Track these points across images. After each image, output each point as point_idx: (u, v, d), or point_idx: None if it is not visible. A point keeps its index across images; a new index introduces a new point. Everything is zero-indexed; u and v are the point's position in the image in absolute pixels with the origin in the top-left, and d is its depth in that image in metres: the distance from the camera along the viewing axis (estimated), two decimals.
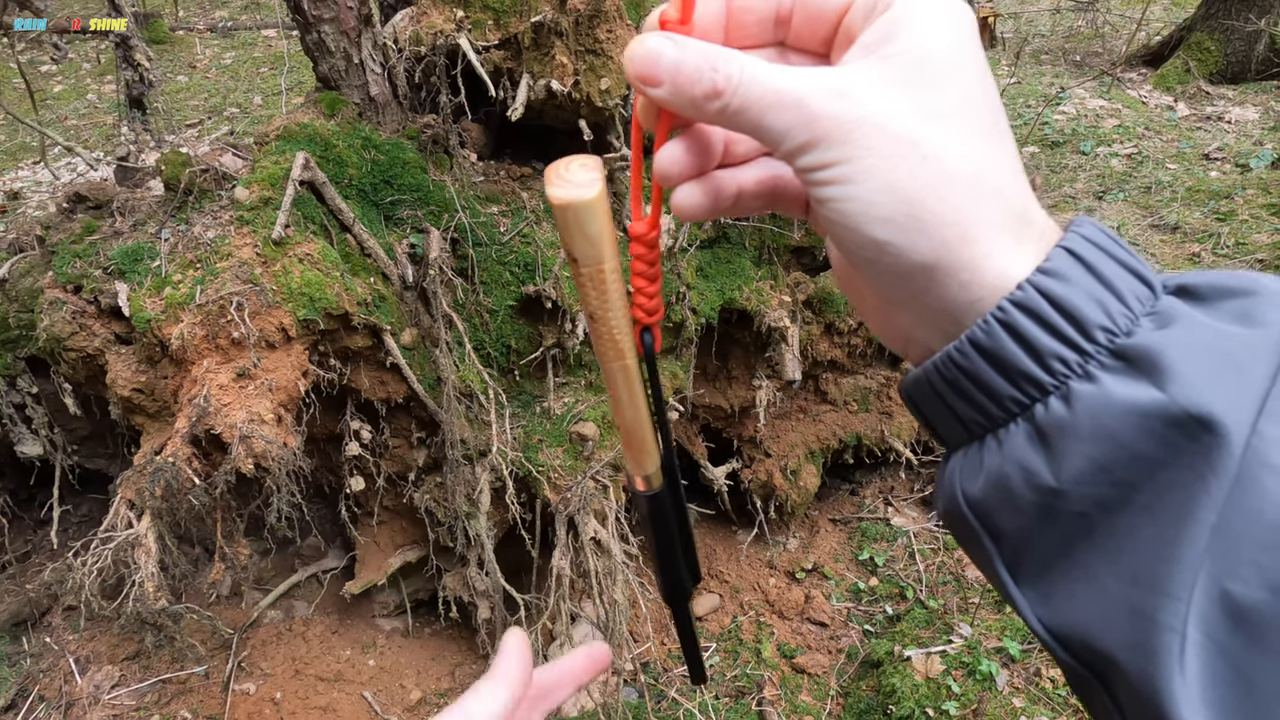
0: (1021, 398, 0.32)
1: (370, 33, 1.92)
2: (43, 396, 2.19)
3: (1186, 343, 0.29)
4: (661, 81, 0.34)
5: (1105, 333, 0.31)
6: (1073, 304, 0.31)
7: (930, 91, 0.32)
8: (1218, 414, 0.28)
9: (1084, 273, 0.32)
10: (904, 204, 0.32)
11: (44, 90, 6.97)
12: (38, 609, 2.42)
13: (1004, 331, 0.32)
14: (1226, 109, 5.14)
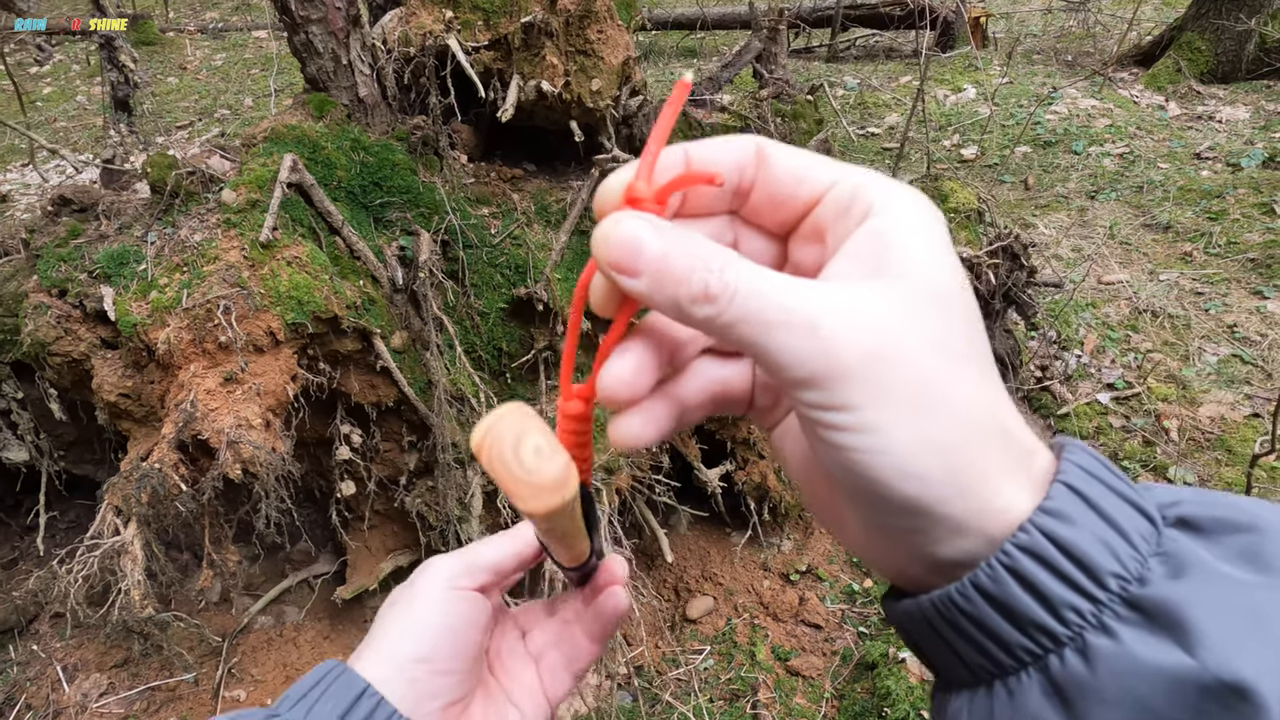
0: (1034, 648, 0.30)
1: (359, 33, 1.90)
2: (28, 401, 2.17)
3: (1208, 598, 0.28)
4: (641, 274, 0.30)
5: (1117, 579, 0.29)
6: (1081, 548, 0.29)
7: (944, 325, 0.30)
8: (1251, 681, 0.26)
9: (1087, 510, 0.30)
10: (940, 459, 0.29)
11: (33, 92, 6.92)
12: (25, 616, 2.39)
13: (1012, 579, 0.30)
14: (1217, 108, 5.16)
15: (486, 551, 0.54)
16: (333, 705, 0.46)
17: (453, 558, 0.53)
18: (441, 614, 0.51)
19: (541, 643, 0.58)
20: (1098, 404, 2.94)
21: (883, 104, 5.74)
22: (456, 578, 0.52)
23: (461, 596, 0.52)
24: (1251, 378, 2.95)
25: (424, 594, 0.51)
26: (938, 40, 6.46)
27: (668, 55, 7.11)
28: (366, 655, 0.50)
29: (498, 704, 0.55)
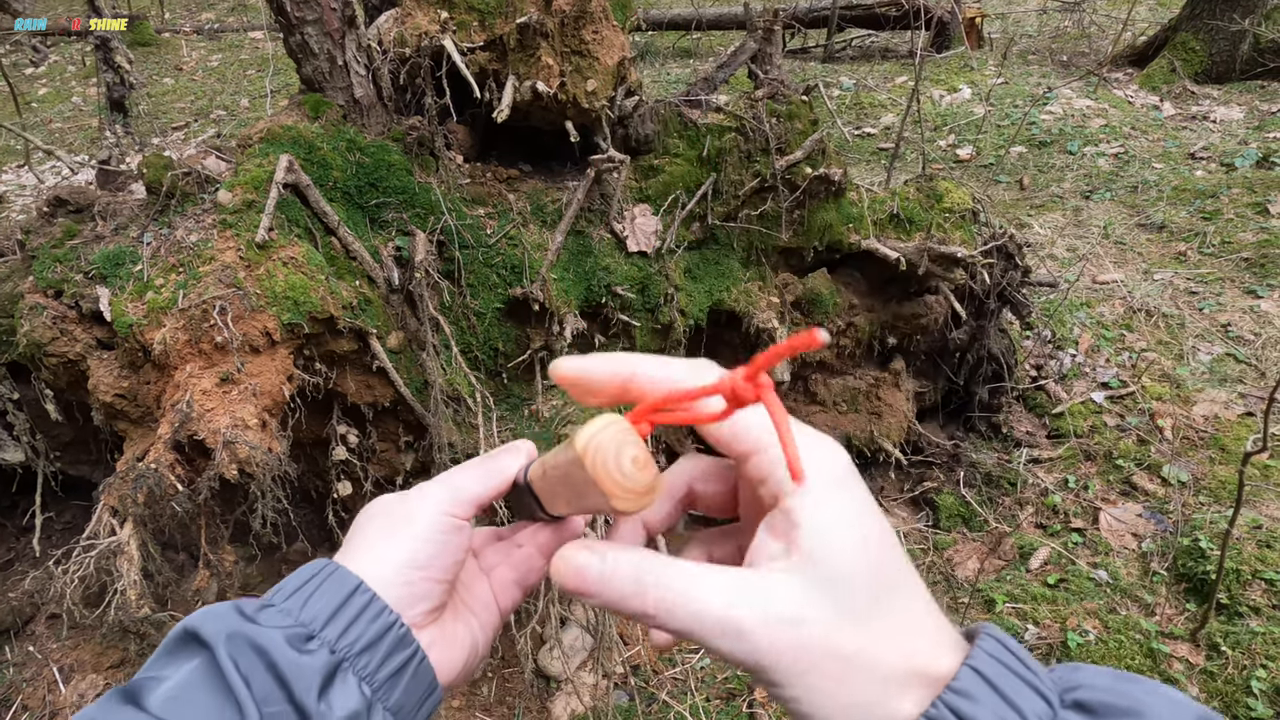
0: None
1: (354, 34, 1.90)
2: (24, 402, 2.17)
3: None
4: (592, 595, 0.38)
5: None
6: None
7: (849, 598, 0.37)
8: None
9: (990, 692, 0.35)
10: (857, 710, 0.36)
11: (28, 93, 6.91)
12: (20, 618, 2.39)
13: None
14: (1212, 109, 5.18)
15: (473, 487, 0.56)
16: (327, 600, 0.48)
17: (441, 487, 0.56)
18: (438, 531, 0.54)
19: (492, 560, 0.63)
20: (1092, 403, 2.95)
21: (878, 104, 5.75)
22: (449, 506, 0.55)
23: (453, 523, 0.55)
24: (1245, 377, 2.97)
25: (421, 513, 0.54)
26: (933, 41, 6.48)
27: (663, 56, 7.12)
28: (358, 558, 0.52)
29: (460, 611, 0.59)
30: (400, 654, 0.50)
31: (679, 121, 2.20)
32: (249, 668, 0.44)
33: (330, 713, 0.45)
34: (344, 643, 0.48)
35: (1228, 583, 2.15)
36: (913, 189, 2.52)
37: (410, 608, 0.52)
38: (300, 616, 0.48)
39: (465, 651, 0.58)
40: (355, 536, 0.55)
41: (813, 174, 2.21)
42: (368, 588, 0.50)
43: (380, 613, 0.49)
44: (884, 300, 2.55)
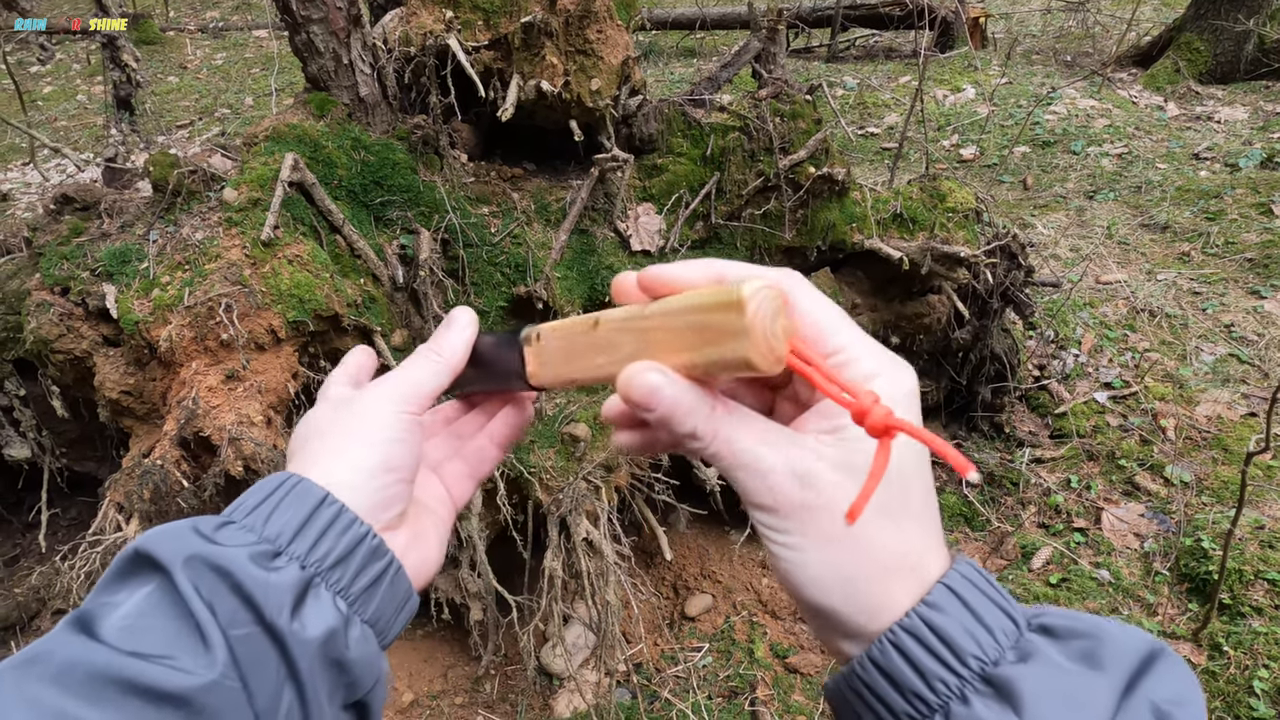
0: (914, 713, 0.39)
1: (359, 33, 1.91)
2: (30, 399, 2.18)
3: (1039, 680, 0.37)
4: (654, 410, 0.41)
5: (977, 660, 0.38)
6: (949, 634, 0.38)
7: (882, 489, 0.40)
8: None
9: (961, 608, 0.39)
10: (839, 583, 0.40)
11: (34, 91, 6.93)
12: (26, 613, 2.40)
13: (895, 652, 0.39)
14: (1216, 109, 5.17)
15: (426, 381, 0.54)
16: (292, 513, 0.46)
17: (393, 385, 0.54)
18: (403, 430, 0.52)
19: (438, 455, 0.62)
20: (1095, 403, 2.95)
21: (882, 104, 5.75)
22: (404, 402, 0.53)
23: (413, 420, 0.53)
24: (1248, 377, 2.97)
25: (377, 412, 0.52)
26: (937, 40, 6.47)
27: (667, 55, 7.13)
28: (320, 466, 0.50)
29: (421, 508, 0.58)
30: (375, 565, 0.48)
31: (683, 121, 2.20)
32: (211, 590, 0.42)
33: (304, 630, 0.43)
34: (314, 557, 0.45)
35: (1230, 583, 2.15)
36: (916, 188, 2.53)
37: (382, 513, 0.50)
38: (265, 532, 0.45)
39: (436, 549, 0.56)
40: (310, 445, 0.52)
41: (816, 173, 2.21)
42: (335, 498, 0.47)
43: (351, 524, 0.47)
44: (887, 300, 2.56)
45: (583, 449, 2.09)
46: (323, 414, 0.54)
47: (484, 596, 2.16)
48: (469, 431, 0.63)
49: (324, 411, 0.54)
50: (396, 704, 2.25)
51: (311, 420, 0.54)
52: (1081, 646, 0.38)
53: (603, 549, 2.02)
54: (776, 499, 0.40)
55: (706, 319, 0.40)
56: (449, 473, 0.62)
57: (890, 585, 0.40)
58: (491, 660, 2.29)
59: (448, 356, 0.56)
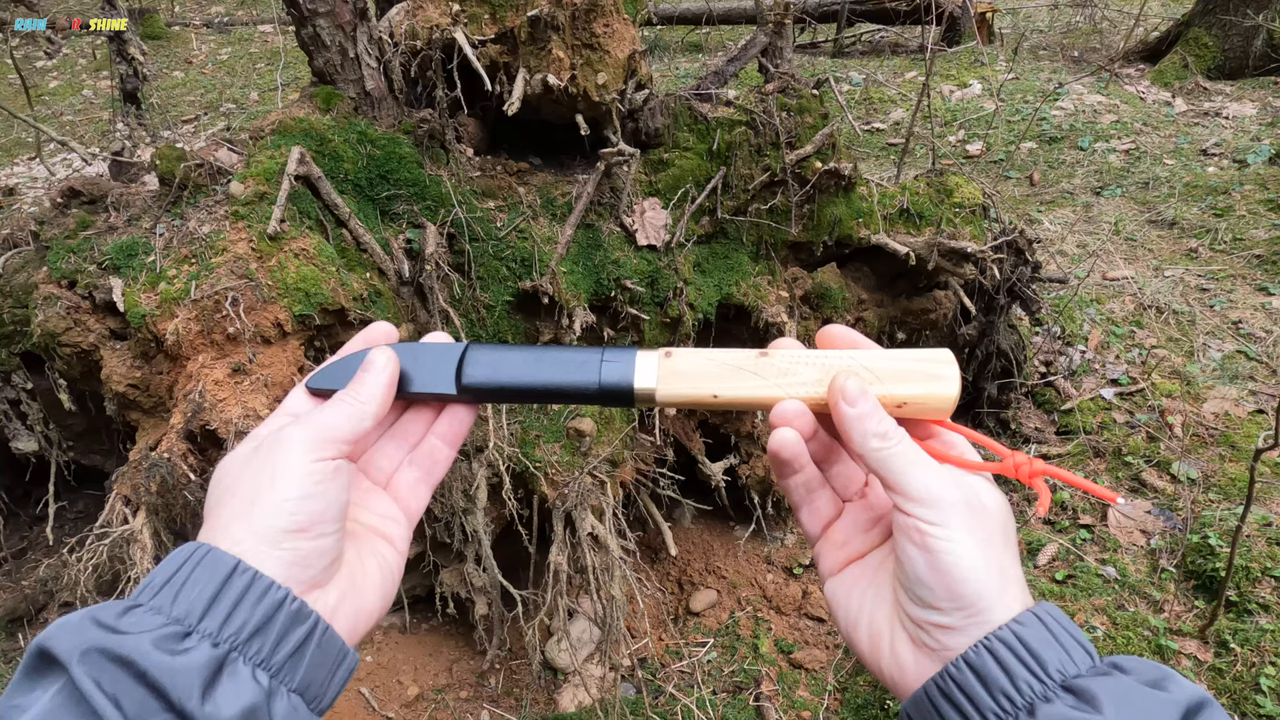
0: (999, 710, 0.45)
1: (366, 27, 1.91)
2: (38, 392, 2.19)
3: (1116, 692, 0.43)
4: (859, 406, 0.52)
5: (1059, 674, 0.45)
6: (1036, 648, 0.45)
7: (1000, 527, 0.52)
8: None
9: (1045, 631, 0.46)
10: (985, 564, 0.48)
11: (40, 86, 6.94)
12: (34, 605, 2.41)
13: (988, 655, 0.46)
14: (1224, 105, 5.14)
15: (341, 425, 0.52)
16: (202, 587, 0.44)
17: (305, 431, 0.51)
18: (314, 484, 0.49)
19: (387, 465, 0.60)
20: (1101, 399, 2.94)
21: (888, 99, 5.73)
22: (318, 449, 0.50)
23: (327, 468, 0.50)
24: (1256, 374, 2.95)
25: (288, 464, 0.49)
26: (943, 35, 6.45)
27: (672, 50, 7.11)
28: (229, 532, 0.47)
29: (364, 542, 0.55)
30: (297, 630, 0.45)
31: (689, 115, 2.20)
32: (114, 683, 0.40)
33: (218, 712, 0.41)
34: (228, 631, 0.43)
35: (1237, 580, 2.14)
36: (923, 184, 2.52)
37: (303, 573, 0.47)
38: (173, 612, 0.43)
39: (380, 589, 0.54)
40: (219, 507, 0.49)
41: (823, 168, 2.20)
42: (247, 566, 0.45)
43: (266, 590, 0.45)
44: (893, 295, 2.55)
45: (588, 444, 2.09)
46: (237, 461, 0.51)
47: (489, 591, 2.16)
48: (416, 432, 0.61)
49: (240, 458, 0.52)
50: (401, 697, 2.25)
51: (227, 468, 0.52)
52: (1149, 679, 0.45)
53: (608, 544, 2.02)
54: (942, 494, 0.49)
55: (918, 367, 0.54)
56: (401, 483, 0.60)
57: (1009, 586, 0.48)
58: (496, 654, 2.29)
59: (366, 400, 0.54)
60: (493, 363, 0.57)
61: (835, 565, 0.58)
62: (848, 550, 0.58)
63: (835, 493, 0.61)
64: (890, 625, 0.52)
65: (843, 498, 0.61)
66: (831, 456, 0.60)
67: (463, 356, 0.57)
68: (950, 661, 0.47)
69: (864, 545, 0.58)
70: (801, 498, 0.60)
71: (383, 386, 0.55)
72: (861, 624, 0.55)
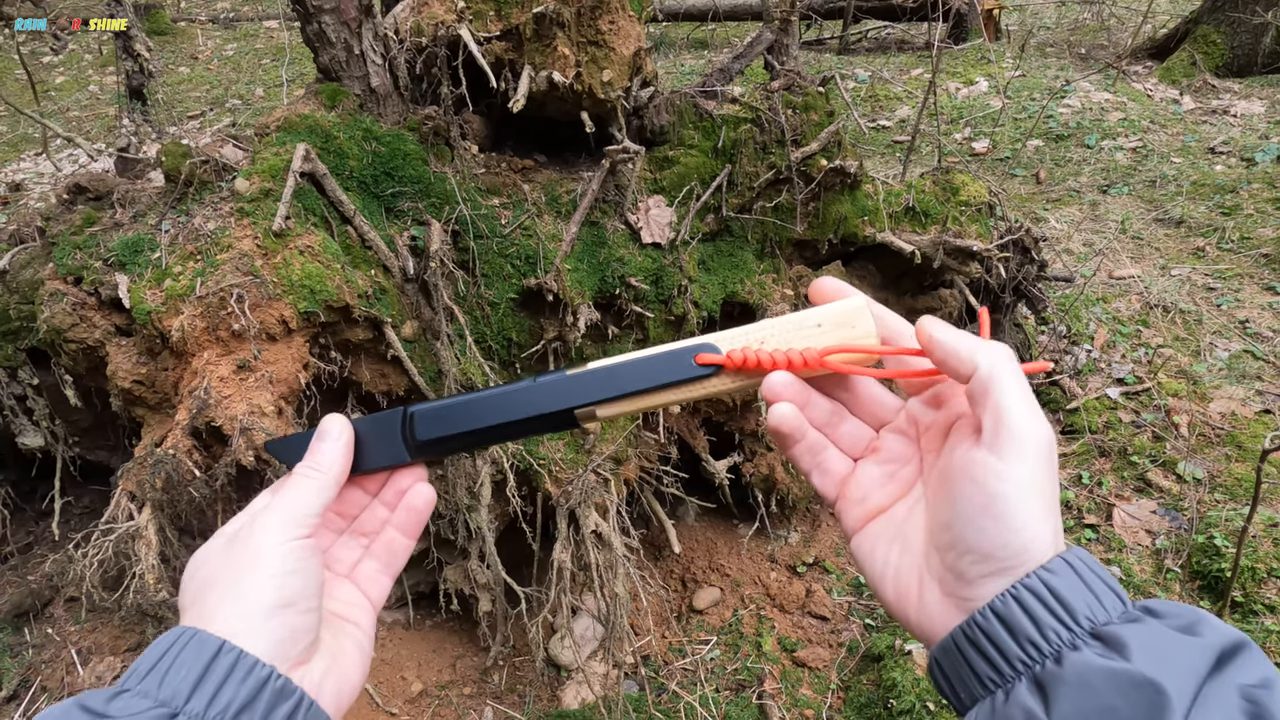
0: (1026, 658, 0.45)
1: (371, 23, 1.91)
2: (44, 388, 2.19)
3: (1145, 637, 0.43)
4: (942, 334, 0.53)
5: (1088, 620, 0.44)
6: (1064, 595, 0.45)
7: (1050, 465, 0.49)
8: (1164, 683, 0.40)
9: (1075, 578, 0.45)
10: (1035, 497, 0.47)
11: (46, 82, 6.95)
12: (40, 600, 2.42)
13: (1016, 605, 0.45)
14: (1232, 103, 5.11)
15: (311, 501, 0.54)
16: (188, 669, 0.45)
17: (277, 515, 0.53)
18: (295, 561, 0.51)
19: (349, 560, 0.61)
20: (1107, 398, 2.93)
21: (894, 97, 5.71)
22: (294, 528, 0.52)
23: (304, 546, 0.52)
24: (1263, 373, 2.94)
25: (267, 545, 0.51)
26: (950, 32, 6.42)
27: (678, 47, 7.09)
28: (216, 615, 0.48)
29: (336, 625, 0.57)
30: (283, 706, 0.47)
31: (694, 113, 2.19)
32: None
33: None
34: (214, 711, 0.44)
35: (1243, 580, 2.14)
36: (929, 182, 2.51)
37: (289, 650, 0.49)
38: (160, 695, 0.44)
39: (358, 666, 0.56)
40: (203, 596, 0.50)
41: (828, 166, 2.20)
42: (232, 645, 0.46)
43: (251, 669, 0.46)
44: (898, 294, 2.54)
45: (592, 441, 2.09)
46: (214, 553, 0.53)
47: (493, 588, 2.17)
48: (373, 527, 0.62)
49: (216, 549, 0.53)
50: (405, 694, 2.26)
51: (204, 560, 0.53)
52: (1182, 623, 0.44)
53: (611, 541, 2.02)
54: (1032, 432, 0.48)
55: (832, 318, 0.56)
56: (362, 575, 0.61)
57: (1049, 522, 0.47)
58: (500, 651, 2.30)
59: (326, 470, 0.56)
60: (437, 417, 0.59)
61: (858, 521, 0.58)
62: (867, 506, 0.58)
63: (844, 452, 0.60)
64: (919, 576, 0.52)
65: (852, 457, 0.60)
66: (834, 419, 0.59)
67: (408, 420, 0.59)
68: (978, 610, 0.46)
69: (885, 499, 0.57)
70: (810, 464, 0.59)
71: (339, 452, 0.57)
72: (888, 577, 0.55)
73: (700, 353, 0.55)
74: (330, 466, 0.56)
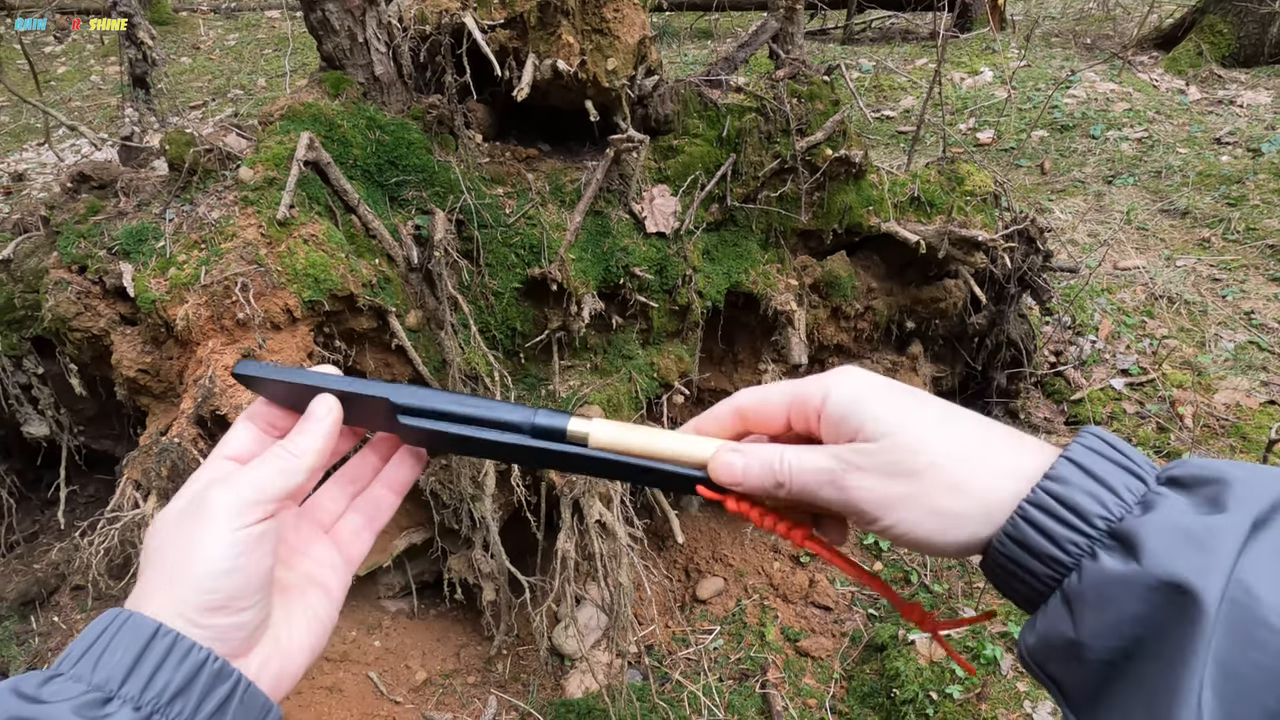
0: (1052, 574, 0.43)
1: (375, 11, 1.90)
2: (49, 377, 2.20)
3: (1158, 524, 0.39)
4: (741, 482, 0.51)
5: (1104, 520, 0.41)
6: (1073, 500, 0.42)
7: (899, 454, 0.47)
8: (1187, 579, 0.37)
9: (1082, 474, 0.43)
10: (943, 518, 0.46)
11: (48, 72, 6.94)
12: (46, 588, 2.43)
13: (1025, 524, 0.43)
14: (1239, 93, 5.08)
15: (272, 483, 0.51)
16: (123, 652, 0.44)
17: (231, 493, 0.49)
18: (236, 556, 0.48)
19: (332, 509, 0.59)
20: (1111, 389, 2.92)
21: (898, 87, 5.69)
22: (244, 513, 0.49)
23: (252, 534, 0.49)
24: (1268, 364, 2.93)
25: (211, 534, 0.48)
26: (955, 22, 6.39)
27: (681, 37, 7.06)
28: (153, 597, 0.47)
29: (295, 597, 0.55)
30: (219, 688, 0.46)
31: (699, 102, 2.18)
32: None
33: None
34: (149, 695, 0.43)
35: None
36: (934, 172, 2.50)
37: (222, 647, 0.47)
38: (94, 679, 0.43)
39: (307, 648, 0.54)
40: (147, 570, 0.49)
41: (833, 155, 2.19)
42: (169, 629, 0.45)
43: (188, 652, 0.45)
44: (903, 284, 2.54)
45: None
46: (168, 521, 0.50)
47: (497, 577, 2.17)
48: (364, 475, 0.60)
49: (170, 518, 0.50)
50: (409, 682, 2.27)
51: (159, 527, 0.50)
52: (1208, 492, 0.40)
53: (615, 531, 2.03)
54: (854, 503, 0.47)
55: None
56: (343, 529, 0.59)
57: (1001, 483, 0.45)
58: (504, 640, 2.30)
59: (301, 455, 0.52)
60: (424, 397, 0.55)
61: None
62: None
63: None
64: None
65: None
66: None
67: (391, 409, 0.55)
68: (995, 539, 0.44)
69: None
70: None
71: (322, 439, 0.53)
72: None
73: (700, 484, 0.53)
74: (305, 452, 0.52)
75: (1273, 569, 0.36)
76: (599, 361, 2.21)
